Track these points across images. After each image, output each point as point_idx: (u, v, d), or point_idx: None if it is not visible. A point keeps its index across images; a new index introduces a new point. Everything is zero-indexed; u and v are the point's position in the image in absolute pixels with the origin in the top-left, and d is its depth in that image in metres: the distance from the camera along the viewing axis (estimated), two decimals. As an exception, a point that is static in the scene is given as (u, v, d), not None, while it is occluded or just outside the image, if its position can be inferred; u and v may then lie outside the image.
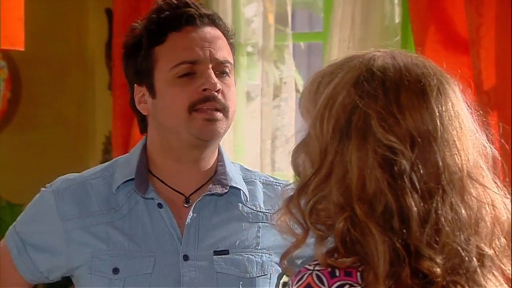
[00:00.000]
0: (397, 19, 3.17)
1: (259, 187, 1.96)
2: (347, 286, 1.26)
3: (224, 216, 1.90)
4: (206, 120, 1.84)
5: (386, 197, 1.25)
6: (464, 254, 1.26)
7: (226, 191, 1.89)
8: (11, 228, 1.96)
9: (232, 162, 1.99)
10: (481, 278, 1.27)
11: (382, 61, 1.32)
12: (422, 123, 1.27)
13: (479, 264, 1.27)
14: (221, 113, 1.85)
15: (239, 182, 1.92)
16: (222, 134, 1.88)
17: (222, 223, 1.90)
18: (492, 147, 1.33)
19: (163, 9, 1.89)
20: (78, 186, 1.92)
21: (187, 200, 1.90)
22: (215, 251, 1.87)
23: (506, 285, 1.30)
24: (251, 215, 1.92)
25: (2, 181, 4.00)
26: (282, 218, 1.33)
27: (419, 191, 1.25)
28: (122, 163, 1.94)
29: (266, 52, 3.50)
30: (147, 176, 1.90)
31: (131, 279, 1.85)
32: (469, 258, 1.26)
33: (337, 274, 1.26)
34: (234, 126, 3.20)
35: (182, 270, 1.85)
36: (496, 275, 1.29)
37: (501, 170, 1.34)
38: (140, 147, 1.93)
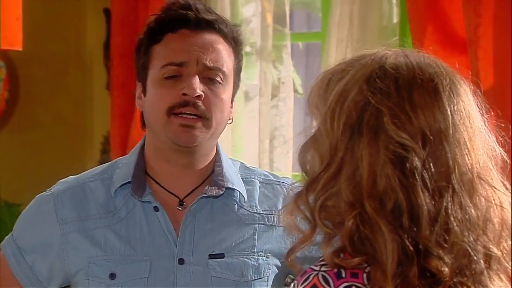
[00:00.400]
0: (395, 19, 3.17)
1: (257, 187, 1.95)
2: (353, 287, 1.26)
3: (220, 219, 1.89)
4: (181, 126, 1.82)
5: (396, 194, 1.25)
6: (472, 255, 1.25)
7: (222, 193, 1.88)
8: (8, 236, 1.94)
9: (232, 160, 1.97)
10: (487, 280, 1.27)
11: (395, 59, 1.32)
12: (434, 122, 1.27)
13: (486, 265, 1.27)
14: (200, 120, 1.82)
15: (236, 183, 1.91)
16: (202, 142, 1.84)
17: (217, 226, 1.88)
18: (500, 148, 1.33)
19: (168, 8, 1.88)
20: (77, 189, 1.91)
21: (180, 203, 1.89)
22: (210, 255, 1.86)
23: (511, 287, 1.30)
24: (247, 217, 1.91)
25: (0, 181, 4.00)
26: (290, 214, 1.32)
27: (430, 189, 1.25)
28: (121, 165, 1.93)
29: (264, 52, 3.50)
30: (145, 178, 1.89)
31: (128, 283, 1.84)
32: (477, 259, 1.26)
33: (343, 275, 1.26)
34: (232, 126, 3.19)
35: (176, 275, 1.84)
36: (502, 278, 1.29)
37: (503, 170, 1.34)
38: (138, 149, 1.93)
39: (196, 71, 1.83)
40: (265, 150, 3.45)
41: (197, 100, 1.81)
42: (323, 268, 1.27)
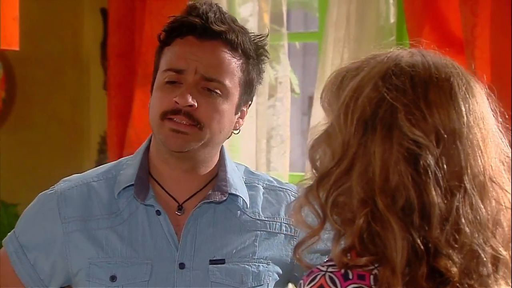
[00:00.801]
0: (392, 19, 3.17)
1: (260, 193, 1.94)
2: None
3: (222, 224, 1.89)
4: (171, 130, 1.82)
5: (408, 191, 1.24)
6: (481, 257, 1.25)
7: (224, 198, 1.88)
8: (11, 234, 1.94)
9: (236, 164, 1.97)
10: (494, 283, 1.27)
11: (411, 57, 1.32)
12: (449, 121, 1.27)
13: (493, 269, 1.26)
14: (192, 128, 1.81)
15: (240, 189, 1.90)
16: (193, 149, 1.84)
17: (219, 232, 1.88)
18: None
19: (185, 12, 1.87)
20: (81, 188, 1.91)
21: (179, 208, 1.88)
22: (211, 260, 1.86)
23: None
24: (249, 223, 1.90)
25: (-3, 181, 4.00)
26: (300, 208, 1.32)
27: (442, 188, 1.25)
28: (125, 165, 1.93)
29: (261, 52, 3.49)
30: (148, 180, 1.89)
31: (128, 286, 1.85)
32: (485, 261, 1.25)
33: (350, 276, 1.26)
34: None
35: (177, 279, 1.84)
36: (508, 282, 1.28)
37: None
38: (143, 149, 1.92)
39: (193, 80, 1.82)
40: (262, 150, 3.45)
41: (189, 109, 1.81)
42: (330, 269, 1.27)
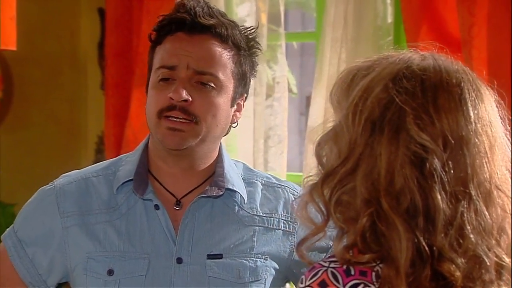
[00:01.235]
0: (389, 19, 3.17)
1: (259, 189, 1.95)
2: (362, 285, 1.26)
3: (220, 219, 1.89)
4: (168, 129, 1.82)
5: (413, 194, 1.25)
6: (485, 263, 1.25)
7: (221, 193, 1.88)
8: (9, 229, 1.95)
9: (235, 161, 1.98)
10: None
11: (423, 61, 1.32)
12: (457, 127, 1.27)
13: (496, 275, 1.27)
14: (188, 124, 1.82)
15: (237, 184, 1.91)
16: (191, 145, 1.84)
17: (217, 227, 1.89)
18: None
19: (174, 10, 1.88)
20: (80, 183, 1.92)
21: (177, 203, 1.89)
22: (208, 255, 1.87)
23: None
24: (247, 218, 1.91)
25: (-6, 180, 3.99)
26: (304, 205, 1.32)
27: (448, 193, 1.25)
28: (125, 162, 1.93)
29: (259, 52, 3.49)
30: (147, 176, 1.89)
31: (125, 280, 1.85)
32: (488, 267, 1.26)
33: (352, 272, 1.27)
34: (226, 126, 3.18)
35: (174, 273, 1.85)
36: None
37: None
38: (143, 146, 1.93)
39: (186, 76, 1.83)
40: (259, 150, 3.45)
41: (184, 104, 1.81)
42: (332, 265, 1.28)
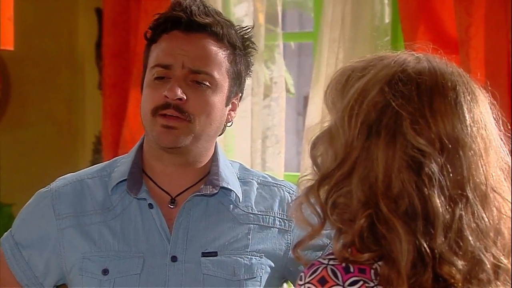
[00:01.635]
0: (387, 19, 3.17)
1: (254, 188, 1.95)
2: (361, 283, 1.26)
3: (214, 217, 1.90)
4: (163, 127, 1.83)
5: (411, 198, 1.25)
6: (483, 264, 1.26)
7: (216, 191, 1.89)
8: (7, 232, 1.96)
9: (231, 161, 1.98)
10: None
11: (418, 63, 1.32)
12: (453, 130, 1.27)
13: (494, 276, 1.27)
14: (182, 122, 1.82)
15: (232, 183, 1.91)
16: (185, 144, 1.85)
17: (211, 224, 1.89)
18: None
19: (170, 8, 1.89)
20: (75, 185, 1.93)
21: (172, 201, 1.89)
22: (203, 253, 1.87)
23: None
24: (242, 216, 1.91)
25: (-8, 181, 3.99)
26: (299, 207, 1.32)
27: (446, 196, 1.25)
28: (120, 163, 1.94)
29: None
30: (141, 176, 1.90)
31: (120, 279, 1.86)
32: (487, 268, 1.26)
33: (351, 270, 1.27)
34: (224, 126, 3.19)
35: (169, 272, 1.85)
36: None
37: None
38: (137, 147, 1.94)
39: (181, 74, 1.83)
40: (257, 150, 3.45)
41: (179, 102, 1.82)
42: (332, 262, 1.28)
